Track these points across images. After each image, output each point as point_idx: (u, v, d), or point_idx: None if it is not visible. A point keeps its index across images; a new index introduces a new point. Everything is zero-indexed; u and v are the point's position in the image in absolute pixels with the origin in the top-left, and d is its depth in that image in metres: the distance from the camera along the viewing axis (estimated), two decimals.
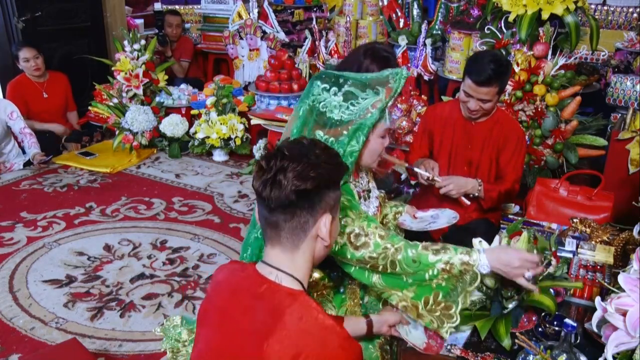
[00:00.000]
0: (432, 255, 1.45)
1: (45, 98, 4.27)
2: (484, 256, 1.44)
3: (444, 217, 1.99)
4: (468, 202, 2.36)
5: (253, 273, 1.16)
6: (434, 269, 1.44)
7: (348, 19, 4.67)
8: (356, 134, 1.49)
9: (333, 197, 1.16)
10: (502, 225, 2.54)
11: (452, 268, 1.44)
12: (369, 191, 1.76)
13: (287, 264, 1.15)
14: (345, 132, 1.49)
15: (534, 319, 1.60)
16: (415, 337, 1.56)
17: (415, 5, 4.98)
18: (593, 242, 1.98)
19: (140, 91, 4.22)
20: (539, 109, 3.03)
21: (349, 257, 1.50)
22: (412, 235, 2.02)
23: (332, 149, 1.19)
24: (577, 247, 1.92)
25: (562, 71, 3.14)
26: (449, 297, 1.46)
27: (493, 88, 2.26)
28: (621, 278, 1.27)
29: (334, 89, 1.50)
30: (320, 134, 1.50)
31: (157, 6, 6.42)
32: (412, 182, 3.39)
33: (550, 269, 1.63)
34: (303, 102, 1.54)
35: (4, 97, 4.20)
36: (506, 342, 1.48)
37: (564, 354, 1.32)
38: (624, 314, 1.23)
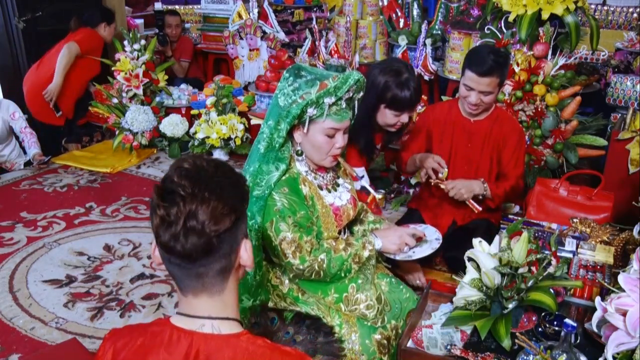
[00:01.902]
0: (344, 253, 1.66)
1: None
2: (379, 241, 1.75)
3: (426, 242, 1.91)
4: (479, 208, 2.35)
5: (177, 337, 0.97)
6: (348, 263, 1.66)
7: (348, 19, 4.67)
8: (283, 121, 1.57)
9: (245, 220, 1.03)
10: (502, 225, 2.54)
11: (360, 258, 1.69)
12: (337, 185, 1.78)
13: (219, 308, 1.00)
14: (277, 118, 1.58)
15: (534, 319, 1.60)
16: None
17: (415, 5, 4.98)
18: (593, 242, 1.98)
19: (140, 91, 4.22)
20: (539, 109, 3.03)
21: (280, 258, 1.63)
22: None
23: (226, 163, 1.02)
24: (577, 247, 1.92)
25: (562, 71, 3.14)
26: (362, 288, 1.72)
27: (494, 79, 2.27)
28: (621, 278, 1.27)
29: (290, 79, 1.59)
30: (269, 119, 1.62)
31: (158, 6, 6.41)
32: (412, 182, 3.39)
33: (550, 269, 1.63)
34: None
35: (11, 88, 4.19)
36: (506, 342, 1.48)
37: (564, 354, 1.32)
38: (624, 314, 1.23)
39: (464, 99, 2.39)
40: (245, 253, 1.01)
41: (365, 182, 2.15)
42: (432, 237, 1.93)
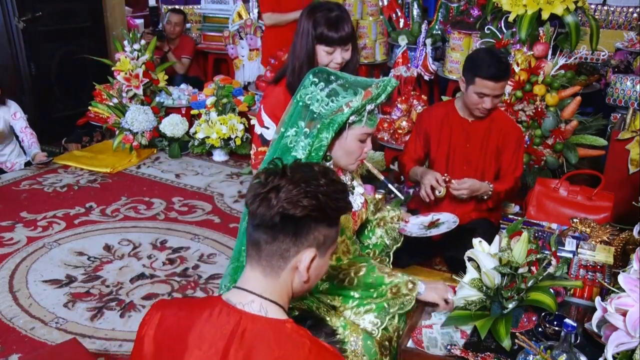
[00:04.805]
0: (387, 277, 1.62)
1: None
2: (422, 286, 1.66)
3: (443, 223, 2.01)
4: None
5: (226, 313, 1.02)
6: (386, 288, 1.62)
7: None
8: (327, 129, 1.55)
9: (324, 233, 1.07)
10: (502, 225, 2.54)
11: (398, 290, 1.63)
12: (353, 187, 1.79)
13: (270, 291, 1.06)
14: (318, 126, 1.55)
15: (534, 319, 1.60)
16: None
17: (415, 5, 4.97)
18: (593, 242, 1.98)
19: (140, 91, 4.22)
20: (539, 109, 3.03)
21: None
22: (412, 238, 2.03)
23: (340, 183, 1.10)
24: (577, 247, 1.92)
25: (562, 71, 3.13)
26: (379, 314, 1.65)
27: (506, 80, 2.34)
28: (621, 278, 1.27)
29: (322, 84, 1.58)
30: (301, 125, 1.58)
31: (152, 2, 6.40)
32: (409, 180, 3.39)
33: (550, 269, 1.63)
34: (296, 94, 1.63)
35: None
36: (506, 342, 1.48)
37: (564, 354, 1.32)
38: (624, 314, 1.23)
39: (475, 106, 2.37)
40: (304, 261, 1.06)
41: (391, 185, 2.13)
42: (450, 220, 2.02)
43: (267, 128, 2.23)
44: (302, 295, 1.20)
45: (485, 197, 2.43)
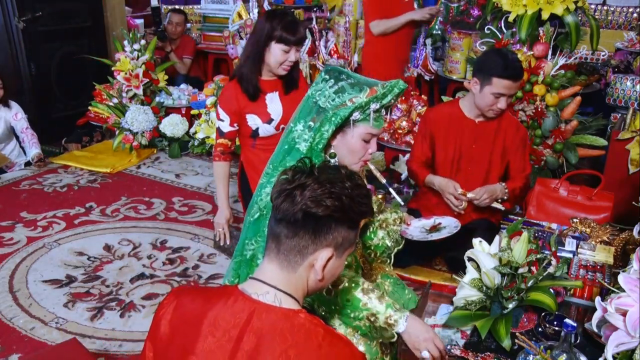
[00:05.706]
0: (364, 301, 1.50)
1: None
2: (403, 325, 1.47)
3: (445, 227, 2.01)
4: (502, 207, 2.44)
5: (242, 302, 1.05)
6: (361, 313, 1.52)
7: (348, 19, 4.67)
8: (329, 122, 1.55)
9: (344, 235, 1.09)
10: (502, 225, 2.54)
11: (375, 320, 1.50)
12: None
13: (285, 283, 1.08)
14: (321, 119, 1.56)
15: (534, 319, 1.60)
16: None
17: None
18: (593, 242, 1.98)
19: (140, 91, 4.22)
20: (539, 109, 3.03)
21: None
22: (414, 241, 2.04)
23: (365, 187, 1.13)
24: (577, 247, 1.92)
25: (562, 71, 3.13)
26: (363, 337, 1.59)
27: (521, 79, 2.40)
28: (621, 278, 1.26)
29: (332, 81, 1.59)
30: (308, 119, 1.60)
31: (154, 2, 6.41)
32: (412, 182, 3.39)
33: (550, 269, 1.63)
34: (309, 91, 1.65)
35: None
36: (506, 342, 1.48)
37: (564, 354, 1.32)
38: (624, 314, 1.23)
39: (489, 107, 2.36)
40: (320, 260, 1.08)
41: (391, 189, 2.14)
42: (451, 224, 2.01)
43: (222, 121, 2.41)
44: (314, 292, 1.21)
45: (506, 197, 2.44)
